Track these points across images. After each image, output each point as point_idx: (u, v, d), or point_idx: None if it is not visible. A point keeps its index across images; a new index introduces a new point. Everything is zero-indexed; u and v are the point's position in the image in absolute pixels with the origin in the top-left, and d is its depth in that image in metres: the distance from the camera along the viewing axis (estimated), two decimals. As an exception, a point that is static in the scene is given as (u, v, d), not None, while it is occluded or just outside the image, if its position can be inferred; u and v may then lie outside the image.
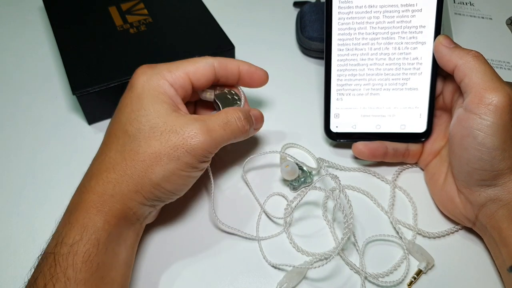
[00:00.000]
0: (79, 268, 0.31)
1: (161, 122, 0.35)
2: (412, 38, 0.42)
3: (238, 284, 0.38)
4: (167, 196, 0.36)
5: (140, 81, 0.36)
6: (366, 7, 0.42)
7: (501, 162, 0.36)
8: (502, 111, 0.35)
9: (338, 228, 0.42)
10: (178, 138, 0.34)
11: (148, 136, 0.34)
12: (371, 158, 0.45)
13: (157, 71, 0.37)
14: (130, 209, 0.34)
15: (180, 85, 0.37)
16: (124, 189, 0.34)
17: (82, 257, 0.31)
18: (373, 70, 0.44)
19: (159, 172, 0.34)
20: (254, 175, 0.46)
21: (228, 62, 0.40)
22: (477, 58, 0.37)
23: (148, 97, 0.35)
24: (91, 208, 0.33)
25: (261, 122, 0.43)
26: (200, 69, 0.39)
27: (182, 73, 0.38)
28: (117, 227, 0.34)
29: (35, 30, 0.62)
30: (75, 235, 0.32)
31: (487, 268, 0.39)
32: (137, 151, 0.34)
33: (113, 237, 0.33)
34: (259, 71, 0.42)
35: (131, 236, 0.36)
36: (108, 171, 0.34)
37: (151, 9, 0.57)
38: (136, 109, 0.35)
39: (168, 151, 0.34)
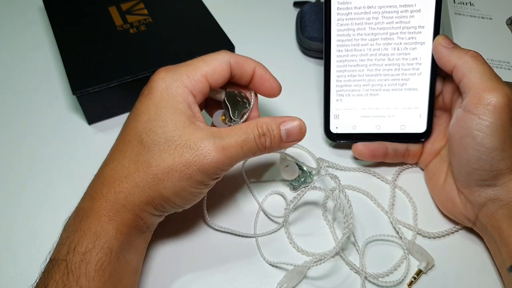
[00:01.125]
0: (92, 277, 0.31)
1: (177, 135, 0.33)
2: (411, 38, 0.42)
3: (238, 284, 0.38)
4: (176, 209, 0.36)
5: (159, 88, 0.35)
6: (365, 8, 0.42)
7: (501, 162, 0.36)
8: (501, 111, 0.35)
9: (338, 228, 0.42)
10: (191, 155, 0.33)
11: (163, 149, 0.33)
12: (371, 159, 0.45)
13: (177, 77, 0.35)
14: (141, 219, 0.34)
15: (199, 90, 0.36)
16: (136, 200, 0.33)
17: (95, 265, 0.31)
18: (372, 70, 0.44)
19: (170, 188, 0.33)
20: (254, 175, 0.46)
21: (245, 62, 0.38)
22: (476, 58, 0.37)
23: (167, 107, 0.34)
24: (103, 217, 0.33)
25: (299, 134, 0.37)
26: (218, 69, 0.37)
27: (200, 76, 0.36)
28: (129, 236, 0.34)
29: (35, 30, 0.62)
30: (87, 243, 0.32)
31: (487, 268, 0.40)
32: (150, 163, 0.33)
33: (124, 245, 0.33)
34: (273, 81, 0.40)
35: (141, 244, 0.36)
36: (120, 180, 0.34)
37: (151, 9, 0.57)
38: (153, 119, 0.34)
39: (180, 168, 0.33)
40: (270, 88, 0.40)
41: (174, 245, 0.41)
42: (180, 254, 0.40)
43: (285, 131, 0.36)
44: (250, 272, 0.39)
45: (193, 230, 0.42)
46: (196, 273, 0.39)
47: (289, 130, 0.36)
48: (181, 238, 0.41)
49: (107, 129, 0.50)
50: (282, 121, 0.36)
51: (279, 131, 0.36)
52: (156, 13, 0.56)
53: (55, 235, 0.34)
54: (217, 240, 0.41)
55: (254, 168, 0.46)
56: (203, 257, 0.40)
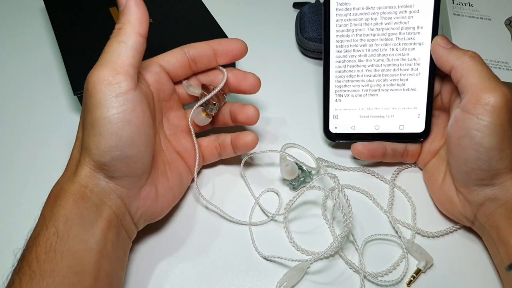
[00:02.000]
0: (43, 259, 0.30)
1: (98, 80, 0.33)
2: (409, 39, 0.42)
3: (238, 282, 0.38)
4: (108, 158, 0.32)
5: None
6: (363, 9, 0.42)
7: (499, 161, 0.36)
8: (499, 111, 0.35)
9: (337, 227, 0.42)
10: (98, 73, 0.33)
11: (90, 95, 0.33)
12: (370, 159, 0.45)
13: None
14: (84, 187, 0.33)
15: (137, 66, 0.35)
16: (73, 169, 0.34)
17: (44, 247, 0.30)
18: (371, 71, 0.44)
19: (86, 135, 0.33)
20: (254, 175, 0.46)
21: (196, 43, 0.41)
22: (474, 58, 0.37)
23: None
24: (51, 197, 0.33)
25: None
26: (169, 54, 0.40)
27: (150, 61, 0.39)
28: (75, 209, 0.32)
29: (36, 30, 0.62)
30: (37, 228, 0.32)
31: (486, 267, 0.40)
32: (84, 116, 0.33)
33: (73, 222, 0.32)
34: (233, 40, 0.42)
35: (99, 221, 0.33)
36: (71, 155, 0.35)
37: (151, 9, 0.56)
38: None
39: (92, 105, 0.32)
40: (235, 47, 0.41)
41: (173, 245, 0.41)
42: (179, 254, 0.40)
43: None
44: (250, 271, 0.39)
45: (191, 230, 0.42)
46: (196, 273, 0.39)
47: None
48: (179, 238, 0.41)
49: (107, 129, 0.50)
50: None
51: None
52: (156, 14, 0.56)
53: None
54: (217, 240, 0.41)
55: (254, 168, 0.47)
56: (203, 257, 0.40)
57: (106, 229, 0.33)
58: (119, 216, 0.35)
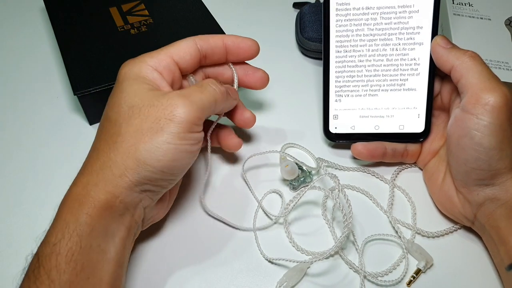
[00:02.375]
0: (63, 269, 0.29)
1: (139, 99, 0.34)
2: (409, 39, 0.42)
3: (238, 282, 0.39)
4: (157, 176, 0.33)
5: (122, 72, 0.36)
6: (363, 9, 0.42)
7: (499, 161, 0.36)
8: (499, 111, 0.35)
9: (337, 228, 0.42)
10: (157, 110, 0.33)
11: (128, 115, 0.33)
12: (370, 159, 0.45)
13: (139, 60, 0.36)
14: (116, 197, 0.32)
15: (164, 66, 0.36)
16: (108, 175, 0.32)
17: (65, 256, 0.30)
18: (371, 71, 0.44)
19: (143, 148, 0.32)
20: (254, 175, 0.46)
21: (211, 36, 0.40)
22: (474, 58, 0.37)
23: (128, 81, 0.35)
24: (74, 202, 0.32)
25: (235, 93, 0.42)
26: (183, 47, 0.38)
27: (164, 55, 0.37)
28: (102, 219, 0.31)
29: (36, 30, 0.62)
30: (57, 232, 0.30)
31: (486, 267, 0.40)
32: (119, 133, 0.33)
33: (97, 232, 0.31)
34: (247, 40, 0.41)
35: (121, 231, 0.33)
36: (93, 160, 0.33)
37: (151, 10, 0.57)
38: (116, 95, 0.35)
39: (150, 125, 0.32)
40: (248, 48, 0.41)
41: (173, 245, 0.41)
42: (179, 253, 0.40)
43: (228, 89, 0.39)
44: (250, 271, 0.39)
45: (191, 229, 0.42)
46: (195, 272, 0.39)
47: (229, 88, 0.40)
48: (179, 238, 0.41)
49: (107, 129, 0.50)
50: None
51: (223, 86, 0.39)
52: (157, 14, 0.56)
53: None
54: (217, 240, 0.41)
55: (254, 168, 0.47)
56: (203, 256, 0.40)
57: (125, 237, 0.34)
58: (137, 224, 0.35)
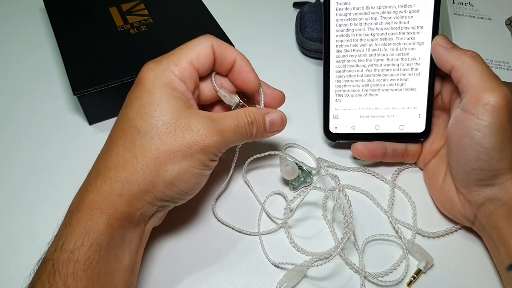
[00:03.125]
0: (80, 277, 0.29)
1: (175, 118, 0.33)
2: (410, 38, 0.42)
3: (238, 283, 0.38)
4: (179, 196, 0.35)
5: (150, 77, 0.34)
6: (363, 8, 0.42)
7: (499, 162, 0.36)
8: (499, 111, 0.35)
9: (337, 228, 0.42)
10: (192, 136, 0.33)
11: (161, 132, 0.33)
12: (370, 159, 0.45)
13: (165, 67, 0.35)
14: (137, 209, 0.33)
15: (188, 77, 0.36)
16: (135, 189, 0.32)
17: (83, 264, 0.30)
18: (371, 71, 0.44)
19: (173, 170, 0.33)
20: (254, 175, 0.46)
21: (227, 48, 0.38)
22: (474, 58, 0.37)
23: (161, 93, 0.34)
24: (94, 210, 0.31)
25: (281, 125, 0.40)
26: (202, 53, 0.37)
27: (186, 63, 0.36)
28: (121, 229, 0.32)
29: (35, 30, 0.62)
30: (76, 240, 0.30)
31: (486, 267, 0.40)
32: (150, 147, 0.32)
33: (116, 241, 0.32)
34: (252, 74, 0.39)
35: (135, 239, 0.34)
36: (116, 169, 0.32)
37: (151, 9, 0.57)
38: (148, 103, 0.33)
39: (182, 149, 0.33)
40: (248, 80, 0.39)
41: (176, 243, 0.41)
42: (180, 253, 0.40)
43: (269, 122, 0.39)
44: (250, 271, 0.39)
45: (193, 230, 0.42)
46: (195, 271, 0.39)
47: (272, 121, 0.39)
48: (182, 238, 0.41)
49: (108, 129, 0.49)
50: (267, 112, 0.39)
51: (264, 121, 0.39)
52: (157, 14, 0.56)
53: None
54: (217, 239, 0.41)
55: (255, 168, 0.47)
56: (203, 255, 0.40)
57: (138, 245, 0.35)
58: (149, 231, 0.36)
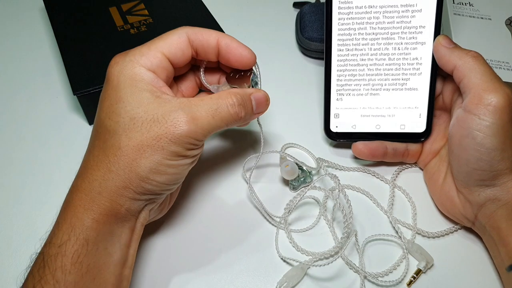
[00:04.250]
0: (68, 270, 0.30)
1: (142, 111, 0.32)
2: (412, 38, 0.42)
3: (238, 283, 0.38)
4: (161, 189, 0.34)
5: (114, 72, 0.34)
6: (366, 8, 0.42)
7: (500, 162, 0.36)
8: (501, 111, 0.35)
9: (337, 228, 0.42)
10: (160, 128, 0.32)
11: (128, 128, 0.32)
12: (370, 158, 0.45)
13: (130, 58, 0.34)
14: (120, 205, 0.33)
15: (157, 65, 0.35)
16: (111, 186, 0.32)
17: (71, 258, 0.30)
18: (373, 70, 0.44)
19: (144, 165, 0.32)
20: (254, 175, 0.46)
21: (204, 32, 0.36)
22: (476, 58, 0.37)
23: (125, 88, 0.33)
24: (78, 207, 0.32)
25: (265, 105, 0.38)
26: (174, 42, 0.35)
27: (155, 52, 0.35)
28: (107, 224, 0.32)
29: (35, 30, 0.62)
30: (62, 235, 0.31)
31: (486, 268, 0.40)
32: (119, 146, 0.32)
33: (103, 235, 0.32)
34: (242, 48, 0.37)
35: (126, 234, 0.34)
36: (92, 168, 0.33)
37: (151, 9, 0.57)
38: (114, 102, 0.33)
39: (150, 142, 0.32)
40: (240, 56, 0.37)
41: (176, 245, 0.41)
42: (181, 252, 0.40)
43: (255, 102, 0.37)
44: (250, 271, 0.39)
45: (192, 229, 0.42)
46: (196, 269, 0.39)
47: (258, 101, 0.37)
48: (183, 236, 0.41)
49: (107, 129, 0.50)
50: (251, 92, 0.37)
51: (251, 101, 0.37)
52: (157, 14, 0.56)
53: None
54: (217, 239, 0.41)
55: (255, 168, 0.46)
56: (203, 255, 0.40)
57: (130, 239, 0.34)
58: (142, 225, 0.36)
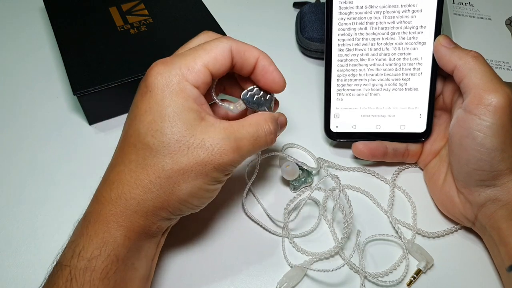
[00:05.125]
0: (96, 286, 0.30)
1: (189, 135, 0.32)
2: (412, 38, 0.42)
3: (238, 283, 0.38)
4: (193, 210, 0.35)
5: (159, 84, 0.32)
6: (366, 8, 0.42)
7: (501, 162, 0.36)
8: (502, 112, 0.35)
9: (337, 228, 0.42)
10: (207, 155, 0.32)
11: (174, 150, 0.31)
12: (371, 158, 0.45)
13: (176, 71, 0.32)
14: (153, 223, 0.33)
15: (202, 81, 0.33)
16: (150, 206, 0.32)
17: (100, 273, 0.30)
18: (373, 70, 0.44)
19: (186, 189, 0.32)
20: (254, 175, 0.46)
21: (247, 49, 0.36)
22: (477, 58, 0.37)
23: (172, 106, 0.32)
24: (111, 222, 0.31)
25: (285, 127, 0.40)
26: (219, 57, 0.34)
27: (201, 67, 0.33)
28: (138, 241, 0.32)
29: (35, 30, 0.62)
30: (93, 249, 0.30)
31: (486, 268, 0.40)
32: (162, 167, 0.31)
33: (133, 252, 0.32)
34: (277, 74, 0.37)
35: (152, 250, 0.35)
36: (130, 185, 0.32)
37: (151, 9, 0.57)
38: (158, 119, 0.32)
39: (195, 168, 0.32)
40: (273, 81, 0.37)
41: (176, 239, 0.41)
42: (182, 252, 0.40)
43: (280, 125, 0.38)
44: (250, 272, 0.39)
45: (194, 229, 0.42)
46: (196, 269, 0.39)
47: (281, 125, 0.39)
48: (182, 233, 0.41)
49: (107, 129, 0.50)
50: (277, 117, 0.38)
51: (277, 126, 0.38)
52: (157, 14, 0.56)
53: (56, 235, 0.34)
54: (218, 239, 0.41)
55: (254, 168, 0.46)
56: (203, 254, 0.40)
57: (154, 254, 0.35)
58: (164, 239, 0.37)
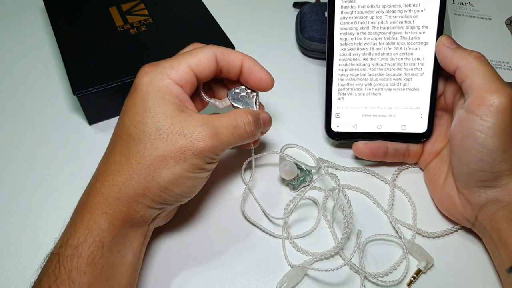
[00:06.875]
0: (83, 271, 0.31)
1: (168, 123, 0.34)
2: (414, 38, 0.42)
3: (238, 283, 0.38)
4: (176, 199, 0.36)
5: (144, 82, 0.35)
6: (368, 7, 0.42)
7: (502, 163, 0.36)
8: (503, 112, 0.35)
9: (337, 228, 0.42)
10: (185, 141, 0.34)
11: (154, 138, 0.34)
12: (371, 158, 0.45)
13: (160, 70, 0.36)
14: (136, 212, 0.34)
15: (185, 81, 0.36)
16: (131, 193, 0.33)
17: (86, 259, 0.31)
18: (375, 70, 0.44)
19: (166, 175, 0.33)
20: (254, 176, 0.46)
21: (231, 53, 0.39)
22: (479, 59, 0.37)
23: (154, 99, 0.34)
24: (96, 210, 0.33)
25: (269, 125, 0.41)
26: (203, 60, 0.37)
27: (185, 67, 0.36)
28: (123, 229, 0.33)
29: (35, 30, 0.62)
30: (79, 236, 0.32)
31: (486, 268, 0.40)
32: (143, 154, 0.33)
33: (118, 239, 0.33)
34: (263, 72, 0.40)
35: (138, 239, 0.35)
36: (113, 173, 0.34)
37: (151, 9, 0.57)
38: (141, 111, 0.34)
39: (174, 154, 0.33)
40: (260, 79, 0.40)
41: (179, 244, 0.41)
42: (180, 250, 0.40)
43: (262, 122, 0.40)
44: (250, 272, 0.39)
45: (195, 230, 0.42)
46: (196, 269, 0.39)
47: (264, 121, 0.40)
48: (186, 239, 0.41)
49: (107, 129, 0.50)
50: (259, 113, 0.40)
51: (260, 121, 0.39)
52: (157, 14, 0.56)
53: (56, 235, 0.34)
54: (218, 239, 0.41)
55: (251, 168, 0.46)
56: (203, 254, 0.40)
57: (141, 244, 0.36)
58: (151, 230, 0.37)
